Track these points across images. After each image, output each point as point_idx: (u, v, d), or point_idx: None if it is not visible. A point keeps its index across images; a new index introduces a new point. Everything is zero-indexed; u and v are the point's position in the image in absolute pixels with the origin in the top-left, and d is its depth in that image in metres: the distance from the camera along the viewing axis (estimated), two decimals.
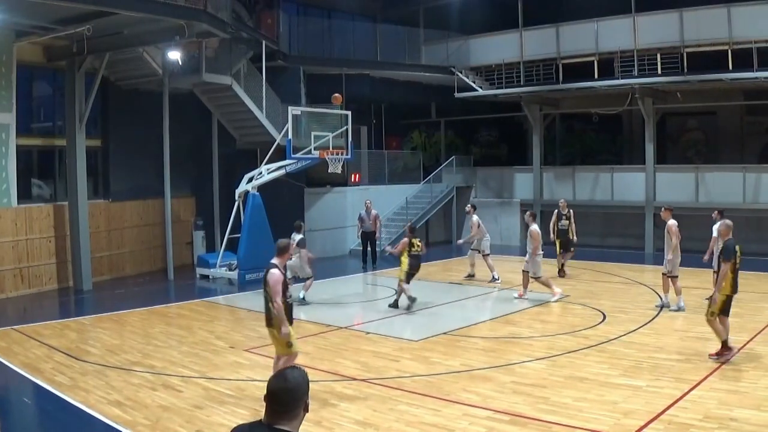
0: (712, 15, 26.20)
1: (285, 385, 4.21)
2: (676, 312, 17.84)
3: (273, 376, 4.31)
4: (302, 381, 4.27)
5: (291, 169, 24.35)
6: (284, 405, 4.21)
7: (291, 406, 4.20)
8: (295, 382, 4.24)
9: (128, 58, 24.58)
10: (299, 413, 4.24)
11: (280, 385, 4.21)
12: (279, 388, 4.21)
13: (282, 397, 4.20)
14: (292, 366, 4.43)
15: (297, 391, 4.22)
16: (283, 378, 4.26)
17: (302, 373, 4.33)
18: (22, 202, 22.50)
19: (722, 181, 28.23)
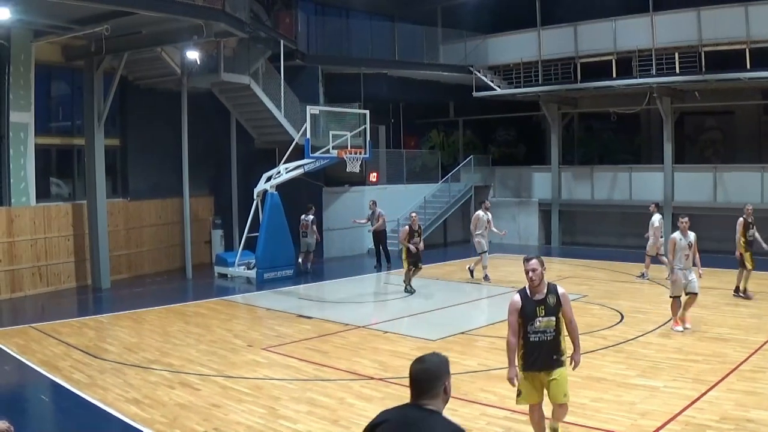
0: (729, 14, 26.06)
1: (422, 366, 4.51)
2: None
3: (414, 361, 4.59)
4: (440, 364, 4.56)
5: (309, 168, 24.39)
6: (423, 385, 4.45)
7: (430, 386, 4.44)
8: (432, 364, 4.53)
9: (147, 58, 24.67)
10: (439, 393, 4.46)
11: (418, 367, 4.51)
12: (417, 369, 4.51)
13: (421, 378, 4.47)
14: (433, 352, 4.73)
15: (435, 372, 4.49)
16: (421, 360, 4.55)
17: (441, 357, 4.61)
18: (41, 201, 22.64)
19: (740, 180, 28.09)
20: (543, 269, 8.59)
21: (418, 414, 4.37)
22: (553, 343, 8.79)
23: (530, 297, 8.64)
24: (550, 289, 8.67)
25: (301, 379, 12.61)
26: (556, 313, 8.68)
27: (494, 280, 23.39)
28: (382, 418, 4.49)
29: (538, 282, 8.57)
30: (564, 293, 8.78)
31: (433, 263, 27.44)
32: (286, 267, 24.48)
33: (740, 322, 15.91)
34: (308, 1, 32.80)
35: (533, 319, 8.59)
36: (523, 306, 8.64)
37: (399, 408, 4.53)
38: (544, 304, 8.59)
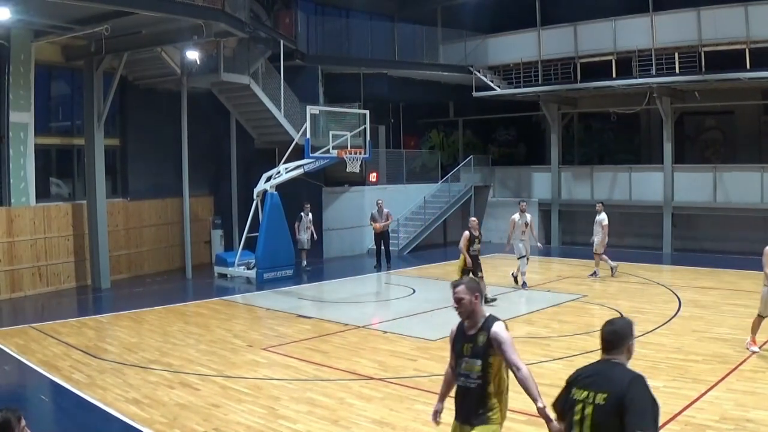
0: (729, 14, 26.06)
1: (611, 327, 5.41)
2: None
3: (605, 322, 5.49)
4: (626, 327, 5.46)
5: (309, 168, 24.40)
6: (611, 343, 5.37)
7: (615, 344, 5.36)
8: (619, 327, 5.43)
9: (146, 58, 24.68)
10: (623, 350, 5.38)
11: (608, 328, 5.42)
12: (607, 330, 5.42)
13: (610, 338, 5.39)
14: (621, 316, 5.72)
15: (621, 332, 5.40)
16: (611, 323, 5.47)
17: (627, 321, 5.54)
18: (41, 201, 22.64)
19: (740, 180, 28.09)
20: (474, 298, 6.83)
21: (606, 365, 5.33)
22: (477, 394, 6.73)
23: (464, 330, 6.98)
24: (484, 326, 6.78)
25: (300, 379, 12.62)
26: (483, 357, 6.72)
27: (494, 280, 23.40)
28: (578, 371, 5.49)
29: (466, 315, 6.89)
30: (499, 334, 6.67)
31: (433, 263, 27.48)
32: (286, 267, 24.48)
33: (740, 322, 15.91)
34: (308, 1, 32.80)
35: (460, 358, 6.87)
36: (455, 339, 7.07)
37: (592, 363, 5.51)
38: (472, 343, 6.80)
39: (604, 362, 5.37)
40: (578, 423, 5.21)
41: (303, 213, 26.05)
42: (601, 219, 23.45)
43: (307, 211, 26.20)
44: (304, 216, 26.01)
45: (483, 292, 7.17)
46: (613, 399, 5.03)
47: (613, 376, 5.18)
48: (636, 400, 5.00)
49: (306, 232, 26.16)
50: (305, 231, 26.06)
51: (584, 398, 5.21)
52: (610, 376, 5.19)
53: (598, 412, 5.09)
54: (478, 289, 6.94)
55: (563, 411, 5.48)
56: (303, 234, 26.10)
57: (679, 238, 30.01)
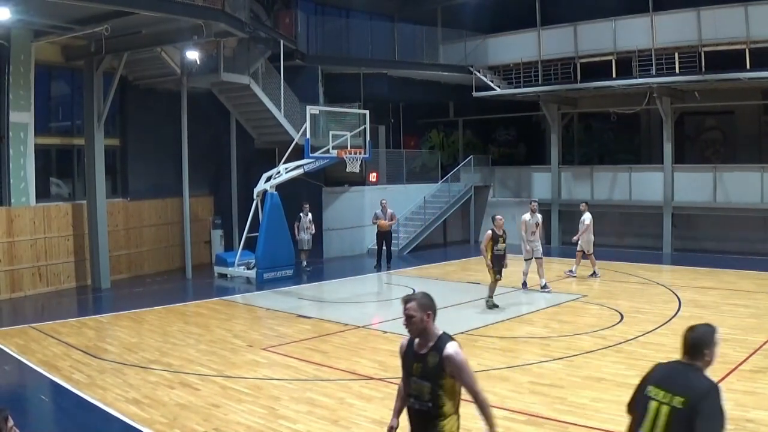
0: (729, 14, 26.05)
1: (692, 333, 5.57)
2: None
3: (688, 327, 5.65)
4: (709, 333, 5.57)
5: (309, 168, 24.39)
6: (691, 347, 5.53)
7: (696, 349, 5.50)
8: (702, 332, 5.57)
9: (146, 58, 24.68)
10: (702, 356, 5.49)
11: (689, 334, 5.59)
12: (688, 335, 5.59)
13: (690, 341, 5.55)
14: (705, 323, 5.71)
15: (702, 339, 5.53)
16: (694, 328, 5.61)
17: (711, 329, 5.61)
18: (41, 201, 22.64)
19: (740, 180, 28.08)
20: (425, 316, 6.21)
21: (684, 368, 5.48)
22: (427, 418, 6.16)
23: (414, 348, 6.34)
24: (436, 347, 6.18)
25: (300, 379, 12.63)
26: (433, 379, 6.12)
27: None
28: (656, 368, 5.75)
29: (417, 333, 6.25)
30: (453, 358, 6.11)
31: (433, 263, 27.48)
32: (286, 267, 24.48)
33: (740, 322, 15.91)
34: (308, 1, 32.79)
35: (410, 377, 6.29)
36: (404, 356, 6.46)
37: (670, 362, 5.69)
38: (422, 363, 6.20)
39: (683, 365, 5.52)
40: (651, 421, 5.35)
41: (302, 213, 25.96)
42: (584, 219, 23.46)
43: (306, 212, 26.09)
44: (303, 216, 25.92)
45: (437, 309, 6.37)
46: (690, 405, 5.18)
47: (691, 382, 5.34)
48: (710, 410, 5.19)
49: (306, 233, 26.07)
50: (305, 231, 25.99)
51: (661, 398, 5.37)
52: (688, 381, 5.36)
53: (674, 415, 5.23)
54: (431, 306, 6.28)
55: (636, 405, 5.62)
56: (303, 234, 26.02)
57: (679, 238, 30.00)
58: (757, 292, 20.01)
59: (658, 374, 5.60)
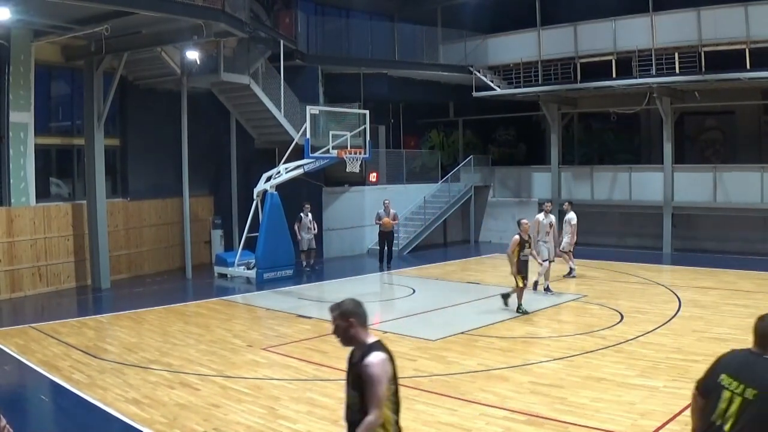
0: (729, 14, 26.06)
1: (762, 323, 5.42)
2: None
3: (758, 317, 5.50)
4: None
5: (309, 168, 24.40)
6: (763, 338, 5.36)
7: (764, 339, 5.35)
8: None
9: (146, 58, 24.68)
10: None
11: (758, 323, 5.45)
12: (760, 324, 5.43)
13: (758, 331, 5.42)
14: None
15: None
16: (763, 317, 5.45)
17: None
18: (41, 201, 22.63)
19: (740, 180, 28.08)
20: (348, 325, 6.11)
21: (757, 359, 5.33)
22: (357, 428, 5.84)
23: (350, 358, 6.31)
24: (363, 355, 5.98)
25: (300, 379, 12.62)
26: (359, 389, 5.92)
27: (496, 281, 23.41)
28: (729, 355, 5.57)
29: (345, 342, 6.18)
30: (367, 369, 5.83)
31: (433, 263, 27.48)
32: (286, 267, 24.48)
33: (740, 322, 15.90)
34: (308, 1, 32.81)
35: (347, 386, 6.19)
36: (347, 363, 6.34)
37: (743, 350, 5.50)
38: (352, 372, 6.12)
39: (756, 356, 5.40)
40: (723, 411, 5.31)
41: (302, 213, 25.98)
42: (570, 218, 23.46)
43: (306, 212, 26.13)
44: (304, 216, 25.95)
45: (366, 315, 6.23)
46: (761, 397, 5.13)
47: (763, 374, 5.25)
48: None
49: (308, 233, 26.10)
50: (306, 231, 26.00)
51: (734, 389, 5.30)
52: (760, 372, 5.27)
53: (746, 406, 5.19)
54: (354, 312, 6.11)
55: (707, 391, 5.55)
56: (304, 234, 26.04)
57: (679, 238, 30.00)
58: (757, 292, 20.02)
59: (732, 362, 5.49)
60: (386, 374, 5.84)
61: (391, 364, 5.97)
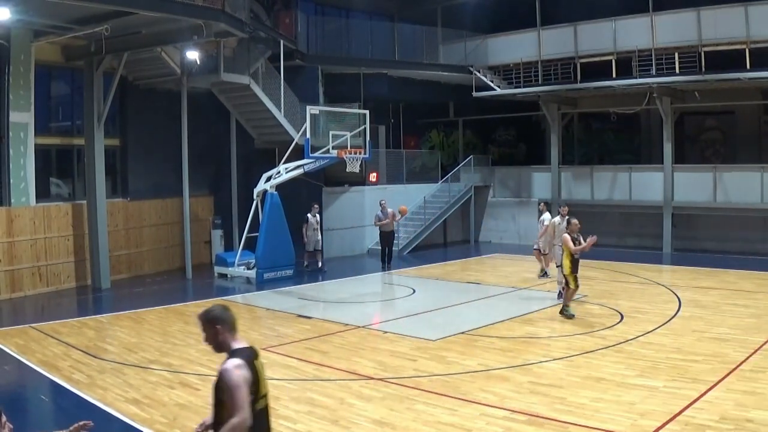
0: (729, 14, 26.06)
1: None
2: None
3: None
4: None
5: (309, 168, 24.40)
6: None
7: None
8: None
9: (146, 58, 24.67)
10: None
11: None
12: None
13: None
14: None
15: None
16: None
17: None
18: (41, 201, 22.63)
19: (740, 180, 28.08)
20: (215, 331, 6.35)
21: None
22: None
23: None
24: (223, 363, 6.06)
25: (300, 379, 12.63)
26: (218, 395, 5.94)
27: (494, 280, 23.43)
28: None
29: (216, 349, 6.36)
30: (224, 375, 5.86)
31: (433, 263, 27.47)
32: (286, 267, 24.48)
33: (740, 322, 15.91)
34: (308, 1, 32.82)
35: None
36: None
37: None
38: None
39: None
40: None
41: (310, 214, 26.05)
42: (543, 219, 23.48)
43: (314, 212, 26.20)
44: (311, 217, 26.00)
45: (233, 321, 6.42)
46: None
47: None
48: None
49: (315, 234, 26.12)
50: (313, 232, 26.04)
51: None
52: None
53: None
54: (221, 318, 6.29)
55: None
56: (311, 235, 26.07)
57: (679, 238, 29.99)
58: (757, 292, 20.01)
59: None
60: (244, 378, 5.78)
61: (249, 369, 5.92)
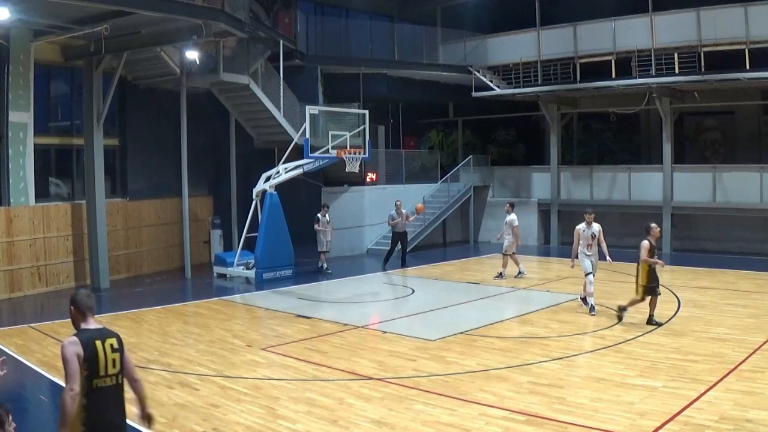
0: (729, 14, 26.08)
1: None
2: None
3: None
4: None
5: (308, 168, 24.41)
6: None
7: None
8: None
9: (146, 58, 24.68)
10: None
11: None
12: None
13: None
14: None
15: None
16: None
17: None
18: (40, 201, 22.63)
19: (740, 181, 28.11)
20: (70, 312, 6.77)
21: None
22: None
23: None
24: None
25: (300, 379, 12.62)
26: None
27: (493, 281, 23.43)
28: None
29: (75, 327, 6.75)
30: (61, 347, 6.51)
31: (433, 263, 27.46)
32: (285, 267, 24.48)
33: (738, 322, 15.93)
34: (308, 1, 32.85)
35: None
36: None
37: None
38: None
39: None
40: None
41: (320, 214, 26.06)
42: (511, 220, 23.57)
43: (324, 212, 26.18)
44: (322, 217, 26.00)
45: (87, 305, 6.76)
46: None
47: None
48: None
49: (325, 234, 26.06)
50: (323, 232, 26.04)
51: None
52: None
53: None
54: (74, 301, 6.71)
55: None
56: (321, 235, 26.02)
57: (678, 238, 30.02)
58: (757, 292, 20.02)
59: None
60: (73, 353, 6.31)
61: (84, 347, 6.42)
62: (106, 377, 6.56)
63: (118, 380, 6.72)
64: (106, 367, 6.56)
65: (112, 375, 6.63)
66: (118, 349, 6.77)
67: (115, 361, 6.67)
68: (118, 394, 6.81)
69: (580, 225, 18.45)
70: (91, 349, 6.42)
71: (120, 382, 6.76)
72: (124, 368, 6.80)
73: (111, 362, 6.62)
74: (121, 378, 6.77)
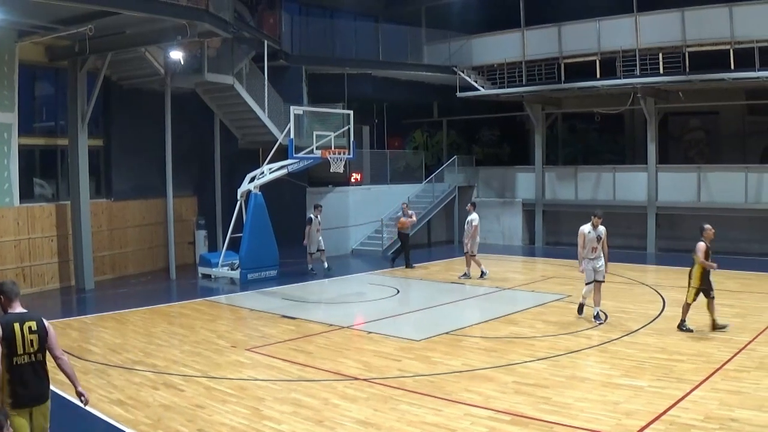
0: (713, 14, 26.17)
1: None
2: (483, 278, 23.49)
3: None
4: None
5: (293, 168, 24.32)
6: None
7: None
8: None
9: (130, 58, 24.57)
10: None
11: None
12: None
13: None
14: None
15: None
16: None
17: None
18: (25, 202, 22.52)
19: (724, 181, 28.17)
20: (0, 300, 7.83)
21: None
22: None
23: None
24: None
25: (285, 379, 12.60)
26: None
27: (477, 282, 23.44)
28: None
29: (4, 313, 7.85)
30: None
31: (417, 263, 27.43)
32: (270, 267, 24.44)
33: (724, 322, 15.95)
34: (292, 2, 32.80)
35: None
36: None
37: None
38: None
39: None
40: None
41: (312, 215, 26.06)
42: (472, 219, 23.63)
43: (317, 213, 26.22)
44: (314, 218, 25.98)
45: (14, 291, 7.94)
46: None
47: None
48: None
49: (317, 234, 26.06)
50: (316, 233, 26.01)
51: None
52: None
53: None
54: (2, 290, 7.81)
55: None
56: (314, 236, 25.99)
57: (663, 238, 30.08)
58: (742, 291, 20.09)
59: None
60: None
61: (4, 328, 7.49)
62: (24, 355, 7.51)
63: (35, 358, 7.65)
64: (24, 346, 7.51)
65: (30, 353, 7.57)
66: (37, 330, 7.65)
67: (33, 342, 7.59)
68: (38, 370, 7.70)
69: (585, 227, 17.52)
70: (9, 330, 7.45)
71: (38, 360, 7.68)
72: (48, 347, 7.76)
73: (29, 342, 7.56)
74: (41, 356, 7.69)
